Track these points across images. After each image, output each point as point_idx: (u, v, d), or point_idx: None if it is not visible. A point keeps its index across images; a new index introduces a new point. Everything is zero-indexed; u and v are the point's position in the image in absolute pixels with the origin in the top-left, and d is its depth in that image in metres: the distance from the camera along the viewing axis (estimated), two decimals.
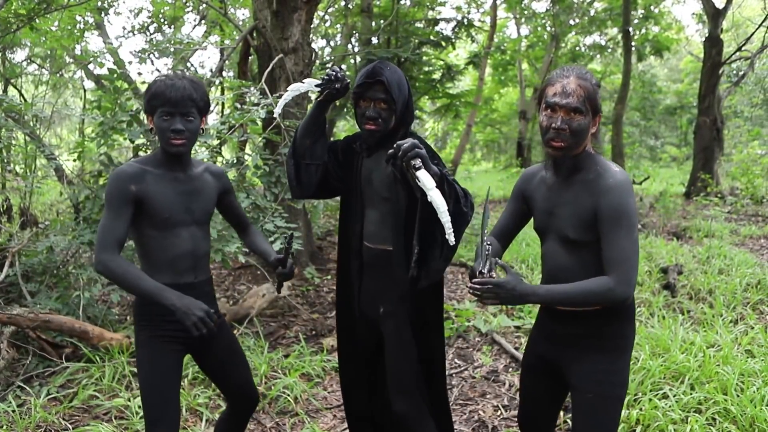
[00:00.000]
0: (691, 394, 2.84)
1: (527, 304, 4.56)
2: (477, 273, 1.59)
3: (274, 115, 2.17)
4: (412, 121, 2.10)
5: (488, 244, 1.62)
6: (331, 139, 2.42)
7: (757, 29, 11.62)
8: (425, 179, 1.65)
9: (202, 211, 1.91)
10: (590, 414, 1.70)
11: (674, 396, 2.81)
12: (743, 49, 11.91)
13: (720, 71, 11.26)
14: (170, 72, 2.07)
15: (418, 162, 1.66)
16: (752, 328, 3.75)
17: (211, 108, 2.03)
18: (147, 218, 1.81)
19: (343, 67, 9.33)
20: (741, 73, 12.46)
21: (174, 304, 1.70)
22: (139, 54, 9.87)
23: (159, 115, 1.76)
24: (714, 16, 11.10)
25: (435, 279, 1.95)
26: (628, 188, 1.59)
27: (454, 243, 1.70)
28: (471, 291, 1.57)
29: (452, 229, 1.66)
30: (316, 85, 1.96)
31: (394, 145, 1.69)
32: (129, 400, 2.99)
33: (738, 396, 2.76)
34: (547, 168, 1.79)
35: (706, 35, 11.47)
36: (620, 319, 1.70)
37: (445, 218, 1.65)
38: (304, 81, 2.00)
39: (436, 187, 1.67)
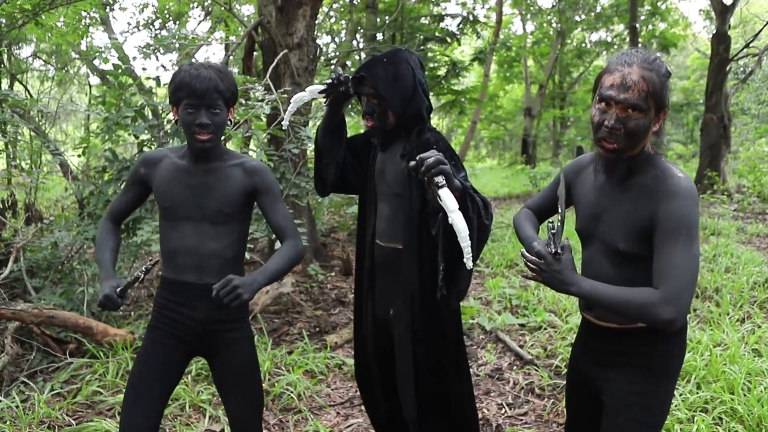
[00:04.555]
0: (697, 393, 2.82)
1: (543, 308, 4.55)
2: (545, 249, 1.42)
3: (282, 127, 2.14)
4: (429, 112, 1.96)
5: (559, 223, 1.45)
6: None
7: (765, 26, 11.54)
8: (448, 200, 1.53)
9: (213, 209, 1.76)
10: None
11: (680, 395, 2.79)
12: (751, 45, 11.83)
13: (727, 68, 11.18)
14: (195, 61, 1.96)
15: (441, 180, 1.53)
16: (759, 326, 3.72)
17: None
18: (158, 204, 1.81)
19: (348, 63, 9.33)
20: (748, 70, 12.37)
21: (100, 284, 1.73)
22: (144, 49, 9.91)
23: (183, 107, 1.67)
24: (721, 13, 11.02)
25: (463, 297, 1.82)
26: (693, 196, 1.38)
27: (471, 267, 1.58)
28: (524, 256, 1.45)
29: (471, 254, 1.55)
30: (320, 92, 1.89)
31: (417, 158, 1.56)
32: None
33: (745, 395, 2.74)
34: (597, 167, 1.54)
35: (714, 32, 11.39)
36: (665, 338, 1.48)
37: (465, 243, 1.53)
38: (306, 89, 1.93)
39: (459, 203, 1.55)
